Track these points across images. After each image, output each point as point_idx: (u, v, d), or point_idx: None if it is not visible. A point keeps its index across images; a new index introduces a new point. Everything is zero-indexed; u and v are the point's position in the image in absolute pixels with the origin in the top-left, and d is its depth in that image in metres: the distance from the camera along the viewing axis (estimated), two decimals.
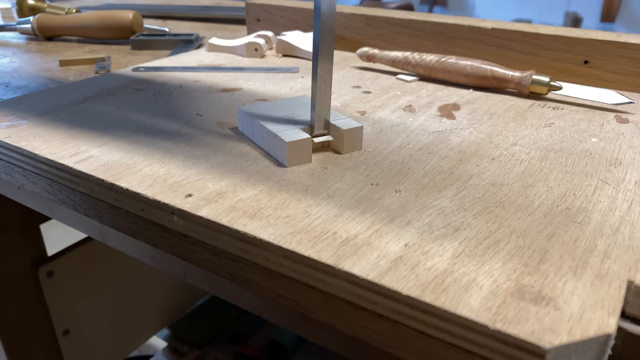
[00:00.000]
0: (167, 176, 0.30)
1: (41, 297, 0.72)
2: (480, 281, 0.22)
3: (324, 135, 0.34)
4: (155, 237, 0.30)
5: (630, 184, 0.30)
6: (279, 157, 0.33)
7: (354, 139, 0.34)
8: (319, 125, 0.34)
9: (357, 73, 0.53)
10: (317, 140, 0.34)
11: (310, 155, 0.33)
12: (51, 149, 0.34)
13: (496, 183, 0.30)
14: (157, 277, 0.90)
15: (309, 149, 0.32)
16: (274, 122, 0.34)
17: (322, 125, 0.34)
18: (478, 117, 0.41)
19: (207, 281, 0.30)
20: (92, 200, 0.32)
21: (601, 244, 0.24)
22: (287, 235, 0.25)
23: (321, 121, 0.34)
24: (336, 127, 0.34)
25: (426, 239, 0.25)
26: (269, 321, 0.85)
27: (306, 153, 0.32)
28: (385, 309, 0.22)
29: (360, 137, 0.34)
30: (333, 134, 0.35)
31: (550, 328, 0.19)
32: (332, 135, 0.35)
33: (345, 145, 0.34)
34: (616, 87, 0.47)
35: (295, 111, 0.36)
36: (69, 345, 0.77)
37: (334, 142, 0.35)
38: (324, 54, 0.31)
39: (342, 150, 0.34)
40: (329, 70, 0.32)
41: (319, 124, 0.34)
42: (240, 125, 0.38)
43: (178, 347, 0.92)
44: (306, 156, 0.33)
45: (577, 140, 0.37)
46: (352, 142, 0.34)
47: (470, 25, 0.52)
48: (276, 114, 0.36)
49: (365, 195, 0.29)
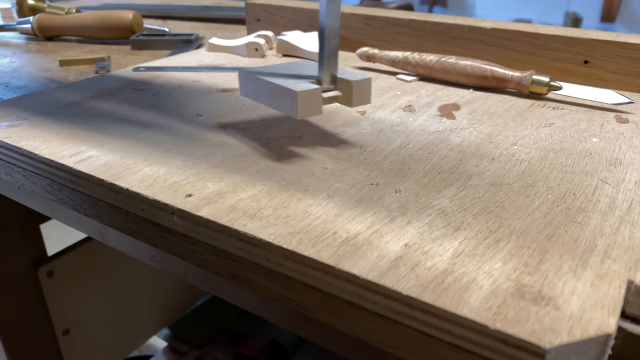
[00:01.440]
0: (167, 176, 0.30)
1: (41, 297, 0.72)
2: (480, 281, 0.22)
3: (332, 90, 0.34)
4: (155, 237, 0.30)
5: (630, 184, 0.30)
6: (288, 111, 0.33)
7: (363, 91, 0.34)
8: (327, 79, 0.34)
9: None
10: (325, 96, 0.34)
11: (320, 106, 0.33)
12: (51, 149, 0.34)
13: (496, 183, 0.30)
14: (157, 277, 0.90)
15: (319, 99, 0.32)
16: (280, 78, 0.34)
17: (329, 80, 0.34)
18: (478, 117, 0.41)
19: (207, 281, 0.30)
20: (92, 200, 0.32)
21: (601, 244, 0.24)
22: (287, 235, 0.25)
23: (329, 76, 0.34)
24: (345, 81, 0.34)
25: (426, 239, 0.25)
26: (269, 321, 0.85)
27: (317, 104, 0.32)
28: (385, 309, 0.22)
29: (369, 90, 0.34)
30: (341, 88, 0.35)
31: (550, 328, 0.19)
32: (341, 90, 0.35)
33: (355, 98, 0.34)
34: (616, 87, 0.47)
35: (299, 71, 0.37)
36: (69, 345, 0.77)
37: (343, 96, 0.34)
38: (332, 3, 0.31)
39: (351, 103, 0.34)
40: (337, 23, 0.32)
41: (326, 78, 0.34)
42: (243, 89, 0.37)
43: (178, 347, 0.92)
44: (317, 107, 0.32)
45: (577, 140, 0.37)
46: (361, 95, 0.34)
47: (470, 25, 0.52)
48: (280, 72, 0.36)
49: (365, 195, 0.29)
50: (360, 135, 0.37)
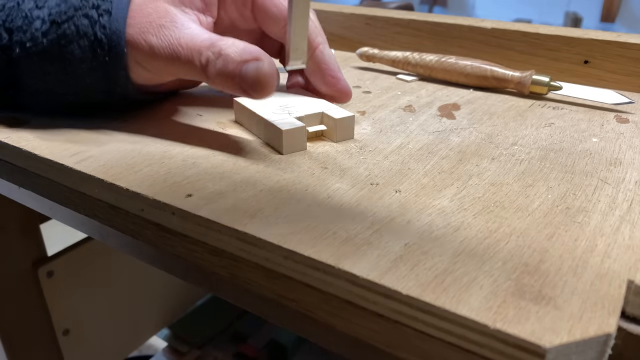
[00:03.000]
0: (167, 176, 0.30)
1: (41, 297, 0.72)
2: (480, 281, 0.22)
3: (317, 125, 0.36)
4: (155, 237, 0.30)
5: (630, 184, 0.30)
6: (275, 145, 0.34)
7: (347, 127, 0.36)
8: (295, 55, 0.35)
9: (357, 73, 0.53)
10: (311, 130, 0.35)
11: (305, 143, 0.34)
12: (51, 149, 0.34)
13: (496, 183, 0.30)
14: (157, 277, 0.90)
15: (304, 136, 0.34)
16: (269, 111, 0.36)
17: (298, 55, 0.35)
18: (478, 117, 0.41)
19: (207, 281, 0.30)
20: (92, 200, 0.32)
21: (601, 244, 0.24)
22: (287, 235, 0.25)
23: (297, 51, 0.35)
24: (329, 117, 0.36)
25: (426, 239, 0.25)
26: (269, 321, 0.85)
27: (301, 141, 0.34)
28: (386, 308, 0.22)
29: (352, 126, 0.36)
30: (326, 123, 0.36)
31: (550, 327, 0.19)
32: (326, 125, 0.36)
33: (338, 133, 0.35)
34: (616, 87, 0.47)
35: (289, 101, 0.38)
36: (69, 345, 0.77)
37: (328, 131, 0.36)
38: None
39: (334, 139, 0.35)
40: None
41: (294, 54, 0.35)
42: (237, 116, 0.39)
43: (178, 347, 0.92)
44: (301, 144, 0.34)
45: (577, 140, 0.37)
46: (344, 131, 0.36)
47: (470, 25, 0.52)
48: (271, 103, 0.37)
49: (365, 195, 0.29)
50: (360, 135, 0.37)
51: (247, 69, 0.31)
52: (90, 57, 0.33)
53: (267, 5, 0.37)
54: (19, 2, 0.33)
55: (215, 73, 0.31)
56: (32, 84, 0.35)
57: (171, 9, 0.34)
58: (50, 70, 0.34)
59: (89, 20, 0.33)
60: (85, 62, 0.34)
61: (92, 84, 0.35)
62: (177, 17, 0.33)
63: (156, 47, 0.33)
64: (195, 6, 0.35)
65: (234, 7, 0.38)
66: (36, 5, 0.33)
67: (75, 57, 0.33)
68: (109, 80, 0.35)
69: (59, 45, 0.33)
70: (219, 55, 0.31)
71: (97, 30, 0.33)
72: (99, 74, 0.34)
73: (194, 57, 0.32)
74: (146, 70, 0.34)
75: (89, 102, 0.37)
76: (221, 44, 0.32)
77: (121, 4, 0.33)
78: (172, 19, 0.33)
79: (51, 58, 0.34)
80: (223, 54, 0.31)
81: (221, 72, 0.31)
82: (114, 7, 0.33)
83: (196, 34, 0.33)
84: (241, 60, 0.31)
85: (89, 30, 0.33)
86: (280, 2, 0.37)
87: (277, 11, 0.37)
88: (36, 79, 0.35)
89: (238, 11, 0.38)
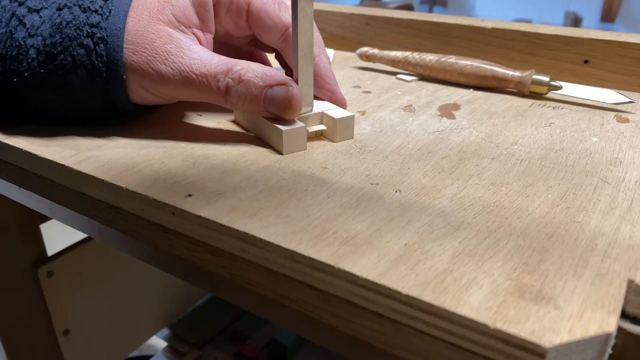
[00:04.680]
0: (167, 176, 0.30)
1: (41, 297, 0.72)
2: (480, 280, 0.22)
3: (318, 124, 0.37)
4: (155, 237, 0.30)
5: (630, 183, 0.30)
6: (275, 145, 0.34)
7: (346, 127, 0.36)
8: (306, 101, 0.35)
9: (357, 73, 0.53)
10: (311, 130, 0.36)
11: (305, 143, 0.34)
12: (51, 149, 0.34)
13: (496, 182, 0.30)
14: (157, 277, 0.90)
15: (303, 136, 0.34)
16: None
17: (306, 103, 0.36)
18: (478, 117, 0.41)
19: (207, 281, 0.30)
20: (92, 200, 0.32)
21: (601, 243, 0.24)
22: (287, 235, 0.25)
23: (305, 99, 0.35)
24: (329, 117, 0.36)
25: (426, 239, 0.25)
26: (269, 321, 0.85)
27: (301, 141, 0.34)
28: (386, 308, 0.22)
29: (352, 126, 0.36)
30: (326, 123, 0.36)
31: (550, 327, 0.19)
32: (325, 125, 0.36)
33: (338, 133, 0.35)
34: (616, 87, 0.47)
35: None
36: (69, 345, 0.77)
37: (327, 131, 0.36)
38: (303, 32, 0.33)
39: (334, 139, 0.36)
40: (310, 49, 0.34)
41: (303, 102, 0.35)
42: (237, 116, 0.39)
43: (178, 347, 0.92)
44: (301, 144, 0.34)
45: (577, 139, 0.37)
46: (344, 131, 0.36)
47: (470, 25, 0.52)
48: None
49: (365, 195, 0.29)
50: (360, 135, 0.37)
51: (275, 92, 0.33)
52: (90, 85, 0.33)
53: (261, 16, 0.37)
54: (11, 30, 0.33)
55: (238, 97, 0.33)
56: (31, 108, 0.35)
57: (173, 32, 0.33)
58: (51, 97, 0.34)
59: (85, 50, 0.32)
60: (85, 90, 0.34)
61: (93, 106, 0.35)
62: (182, 42, 0.33)
63: (166, 74, 0.33)
64: (193, 24, 0.35)
65: (229, 19, 0.37)
66: (29, 34, 0.32)
67: (75, 86, 0.33)
68: (109, 103, 0.35)
69: (57, 75, 0.33)
70: (240, 80, 0.33)
71: (94, 60, 0.32)
72: (99, 99, 0.35)
73: (209, 83, 0.33)
74: (153, 95, 0.35)
75: (91, 117, 0.37)
76: (238, 69, 0.33)
77: (116, 29, 0.33)
78: (178, 44, 0.33)
79: (50, 87, 0.33)
80: (244, 80, 0.33)
81: (244, 96, 0.33)
82: (108, 34, 0.32)
83: (206, 58, 0.33)
84: (265, 85, 0.33)
85: (86, 60, 0.32)
86: (275, 13, 0.37)
87: (271, 23, 0.37)
88: (37, 103, 0.35)
89: (233, 22, 0.38)
